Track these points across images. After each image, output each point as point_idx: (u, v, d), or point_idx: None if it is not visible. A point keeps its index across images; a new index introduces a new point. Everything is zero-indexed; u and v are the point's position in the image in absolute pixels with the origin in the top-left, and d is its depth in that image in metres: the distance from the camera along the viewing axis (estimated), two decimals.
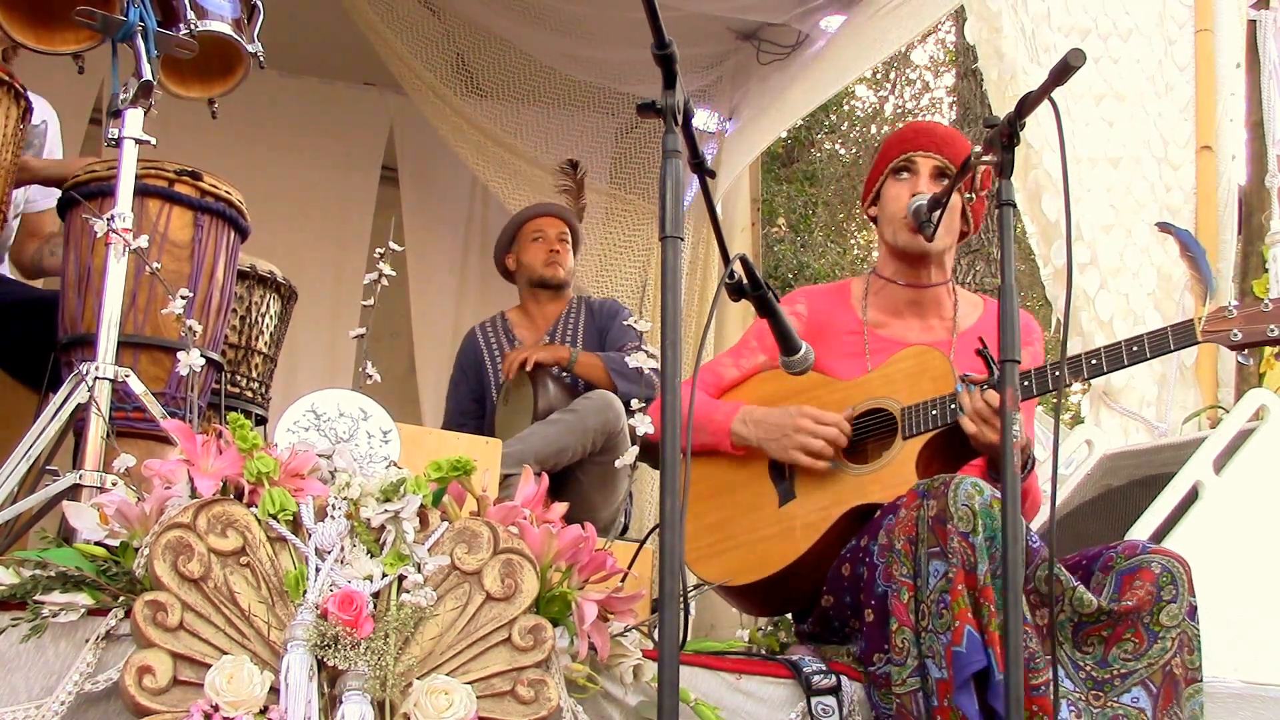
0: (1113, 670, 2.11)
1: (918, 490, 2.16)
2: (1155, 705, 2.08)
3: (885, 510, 2.25)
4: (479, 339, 4.21)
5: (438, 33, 5.21)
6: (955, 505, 2.07)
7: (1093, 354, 2.28)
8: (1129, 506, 3.01)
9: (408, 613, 1.84)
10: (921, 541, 2.10)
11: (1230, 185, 3.95)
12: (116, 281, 2.23)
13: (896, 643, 2.08)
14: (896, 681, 2.08)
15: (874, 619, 2.18)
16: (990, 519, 2.06)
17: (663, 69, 1.68)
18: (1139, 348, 2.24)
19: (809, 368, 2.18)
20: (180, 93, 2.64)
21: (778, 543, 2.41)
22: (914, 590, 2.09)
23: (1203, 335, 2.21)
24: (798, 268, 10.38)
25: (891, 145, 2.68)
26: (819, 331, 2.61)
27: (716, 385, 2.67)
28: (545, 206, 4.38)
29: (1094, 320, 3.79)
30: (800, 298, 2.72)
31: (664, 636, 1.54)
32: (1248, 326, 2.19)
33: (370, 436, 2.08)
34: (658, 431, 1.89)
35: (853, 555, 2.32)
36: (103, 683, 1.73)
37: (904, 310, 2.65)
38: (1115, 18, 3.99)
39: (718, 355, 2.81)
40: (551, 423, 3.66)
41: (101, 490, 2.10)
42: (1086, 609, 2.13)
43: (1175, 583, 2.14)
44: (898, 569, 2.11)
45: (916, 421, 2.38)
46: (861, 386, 2.49)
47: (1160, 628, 2.12)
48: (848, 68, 5.24)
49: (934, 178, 2.59)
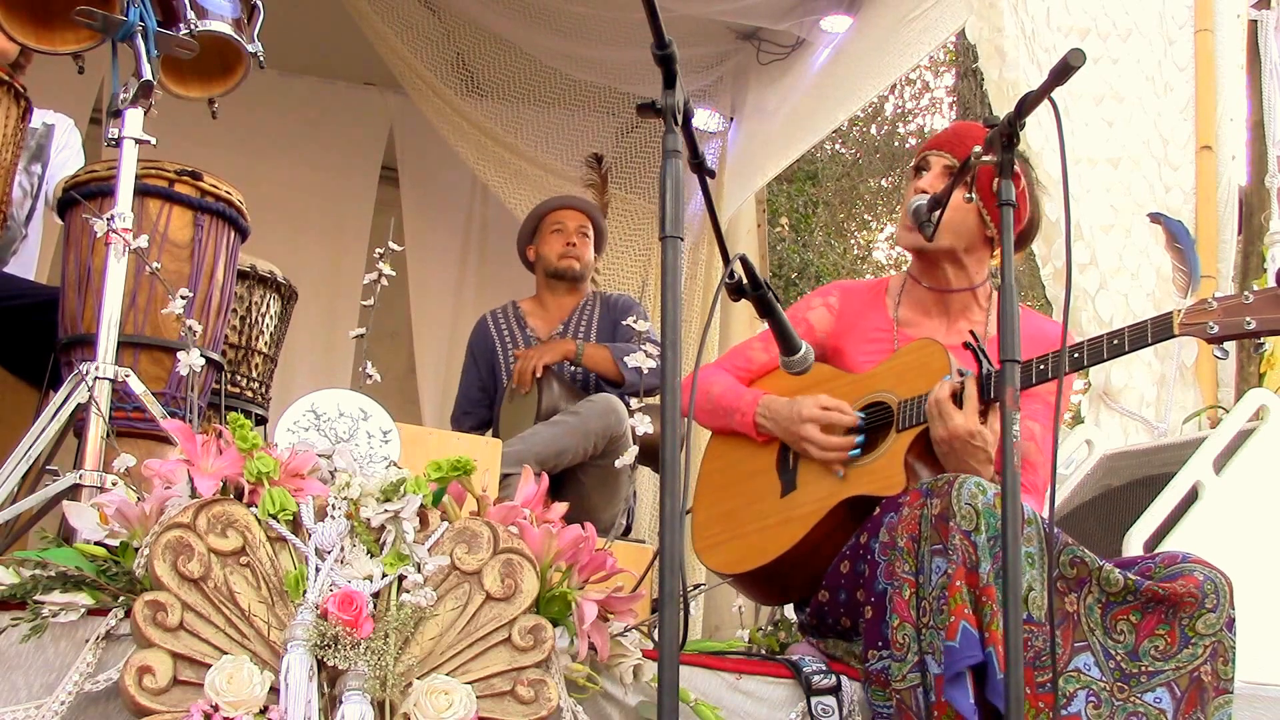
0: (1141, 666, 2.10)
1: (921, 489, 2.16)
2: (1177, 709, 2.07)
3: (886, 508, 2.25)
4: (490, 326, 4.21)
5: (438, 32, 5.22)
6: (958, 504, 2.07)
7: (1075, 348, 2.27)
8: (1129, 506, 3.01)
9: (408, 613, 1.84)
10: (924, 539, 2.10)
11: (1230, 185, 3.95)
12: (116, 281, 2.23)
13: (897, 638, 2.08)
14: (896, 677, 2.08)
15: (872, 615, 2.18)
16: (993, 518, 2.06)
17: (663, 69, 1.68)
18: (1119, 341, 2.21)
19: (808, 368, 2.18)
20: (180, 93, 2.64)
21: (776, 532, 2.43)
22: (915, 587, 2.09)
23: (1180, 328, 2.16)
24: (800, 267, 10.38)
25: (921, 146, 2.68)
26: (848, 326, 2.62)
27: (747, 369, 2.68)
28: (568, 199, 4.39)
29: (1094, 320, 3.79)
30: (835, 290, 2.72)
31: (664, 636, 1.54)
32: (1225, 319, 2.12)
33: (370, 436, 2.08)
34: (686, 405, 1.87)
35: (853, 552, 2.32)
36: (103, 683, 1.73)
37: (932, 311, 2.62)
38: (1115, 18, 3.99)
39: (749, 339, 2.81)
40: (554, 424, 3.66)
41: (101, 490, 2.10)
42: (1113, 587, 2.12)
43: (1218, 593, 2.12)
44: (900, 566, 2.11)
45: (910, 415, 2.38)
46: (870, 380, 2.49)
47: (1195, 634, 2.10)
48: (857, 90, 5.20)
49: (944, 175, 2.55)
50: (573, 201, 4.36)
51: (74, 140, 3.41)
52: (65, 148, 3.37)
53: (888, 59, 4.93)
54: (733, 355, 2.72)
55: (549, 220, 4.21)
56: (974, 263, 2.59)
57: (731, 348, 2.71)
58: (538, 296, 4.25)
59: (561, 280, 4.16)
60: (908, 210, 2.55)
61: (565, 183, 5.47)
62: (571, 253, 4.14)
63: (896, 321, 2.62)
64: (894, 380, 2.45)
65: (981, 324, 2.59)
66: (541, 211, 4.26)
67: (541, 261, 4.19)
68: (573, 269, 4.14)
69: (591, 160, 5.52)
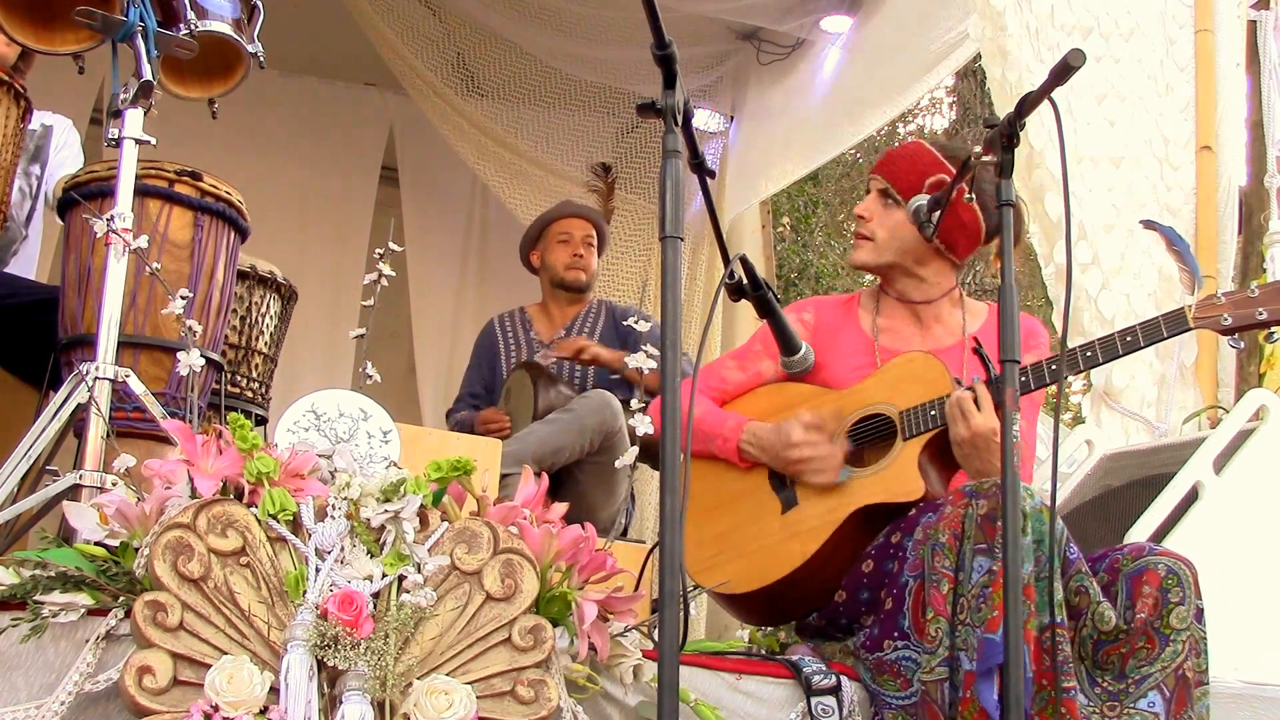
0: (1129, 679, 2.13)
1: (965, 490, 2.18)
2: (1169, 709, 2.09)
3: (925, 509, 2.27)
4: (496, 330, 4.25)
5: (438, 32, 5.22)
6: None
7: (1087, 346, 2.30)
8: (1129, 506, 3.01)
9: (408, 613, 1.84)
10: (967, 538, 2.12)
11: (1230, 185, 3.95)
12: (116, 281, 2.23)
13: (929, 631, 2.10)
14: (924, 669, 2.09)
15: (891, 607, 2.20)
16: (1039, 522, 2.10)
17: (663, 69, 1.68)
18: (1132, 337, 2.27)
19: (809, 368, 2.19)
20: (180, 93, 2.64)
21: (783, 549, 2.42)
22: (954, 583, 2.11)
23: (1194, 321, 2.25)
24: (800, 267, 10.37)
25: None
26: (825, 342, 2.63)
27: (720, 389, 2.67)
28: (574, 207, 4.41)
29: (1096, 319, 3.78)
30: (809, 306, 2.75)
31: (664, 636, 1.54)
32: (1237, 311, 2.23)
33: (370, 436, 2.08)
34: (657, 431, 1.90)
35: (879, 551, 2.33)
36: (103, 683, 1.73)
37: (906, 319, 2.66)
38: (1117, 17, 3.98)
39: (720, 356, 2.81)
40: (549, 422, 3.66)
41: (101, 490, 2.10)
42: (1105, 626, 2.15)
43: (1182, 585, 2.15)
44: (940, 560, 2.12)
45: (916, 422, 2.40)
46: (856, 394, 2.51)
47: (1170, 630, 2.13)
48: (865, 107, 5.16)
49: (878, 199, 2.65)
50: (579, 210, 4.37)
51: (73, 140, 3.41)
52: (64, 148, 3.37)
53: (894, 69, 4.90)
54: (705, 375, 2.70)
55: (555, 229, 4.23)
56: (932, 273, 2.65)
57: (702, 368, 2.70)
58: (543, 303, 4.28)
59: (566, 290, 4.20)
60: (908, 211, 2.57)
61: (566, 183, 5.47)
62: (578, 264, 4.17)
63: (870, 334, 2.64)
64: (887, 392, 2.47)
65: (959, 327, 2.64)
66: (548, 219, 4.28)
67: (547, 270, 4.22)
68: (579, 280, 4.18)
69: (599, 168, 5.53)
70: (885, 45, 4.91)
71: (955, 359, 2.55)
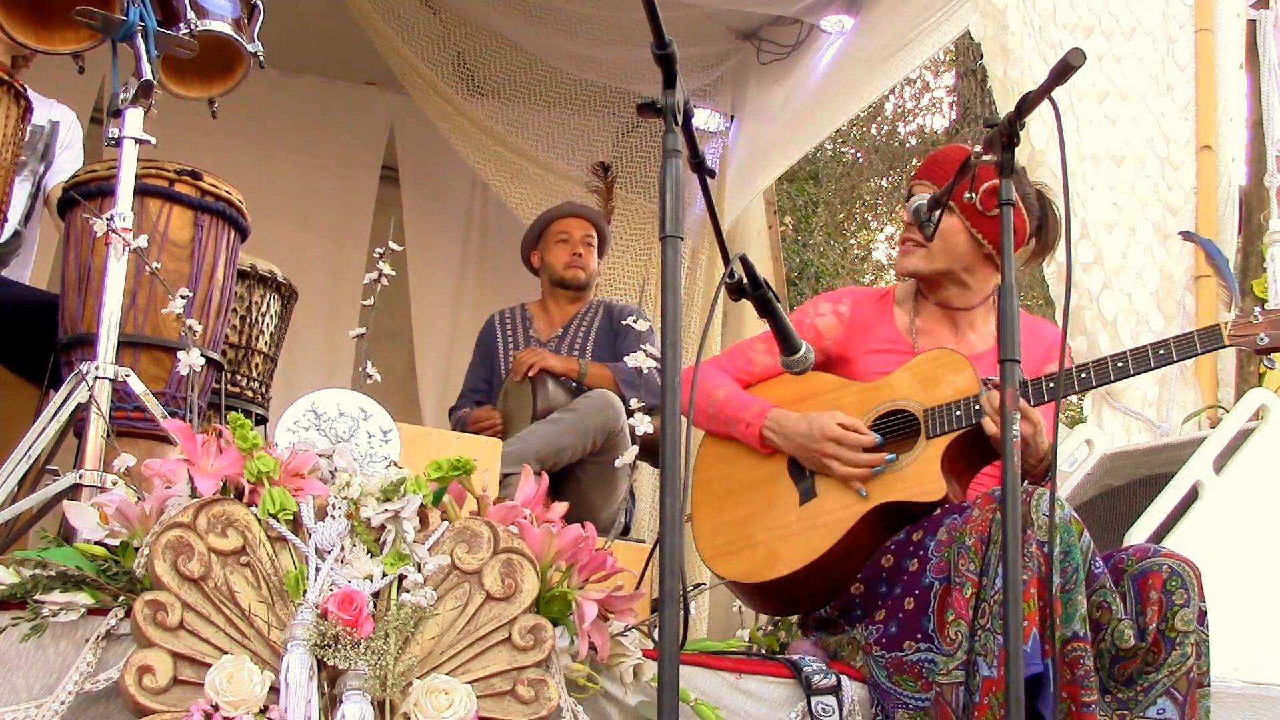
0: (1136, 687, 2.12)
1: (994, 494, 2.16)
2: (1182, 714, 2.08)
3: (949, 510, 2.26)
4: (496, 326, 4.28)
5: (438, 32, 5.22)
6: (1036, 515, 2.09)
7: (1119, 357, 2.29)
8: (1129, 506, 3.01)
9: (408, 612, 1.84)
10: (993, 543, 2.11)
11: (1230, 185, 3.95)
12: (116, 281, 2.23)
13: (950, 633, 2.09)
14: (941, 670, 2.09)
15: (914, 608, 2.19)
16: (1068, 533, 2.09)
17: (663, 69, 1.67)
18: (1165, 350, 2.27)
19: (808, 368, 2.18)
20: (180, 93, 2.64)
21: (799, 540, 2.42)
22: (978, 588, 2.10)
23: (1230, 340, 2.24)
24: (800, 267, 10.37)
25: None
26: (859, 335, 2.62)
27: (747, 371, 2.66)
28: (574, 207, 4.42)
29: (1097, 319, 3.78)
30: (845, 298, 2.73)
31: (664, 636, 1.53)
32: (1274, 331, 2.22)
33: (370, 436, 2.08)
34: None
35: (899, 547, 2.32)
36: (103, 682, 1.73)
37: (944, 327, 2.64)
38: (1119, 15, 3.99)
39: (751, 338, 2.80)
40: (551, 421, 3.67)
41: (101, 490, 2.10)
42: (1125, 644, 2.12)
43: (1185, 586, 2.14)
44: (965, 564, 2.11)
45: (941, 422, 2.38)
46: (881, 389, 2.50)
47: (1176, 633, 2.11)
48: (859, 90, 5.20)
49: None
50: (579, 210, 4.38)
51: (76, 137, 3.41)
52: (68, 147, 3.37)
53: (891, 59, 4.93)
54: (733, 356, 2.71)
55: (555, 228, 4.24)
56: (978, 280, 2.62)
57: (731, 347, 2.70)
58: (542, 301, 4.30)
59: (565, 289, 4.21)
60: (908, 211, 2.56)
61: (566, 182, 5.47)
62: (577, 263, 4.19)
63: (904, 331, 2.62)
64: (913, 388, 2.45)
65: (991, 334, 2.61)
66: (548, 219, 4.29)
67: (547, 269, 4.23)
68: (578, 279, 4.20)
69: (598, 168, 5.53)
70: (883, 38, 4.91)
71: (988, 366, 2.54)
